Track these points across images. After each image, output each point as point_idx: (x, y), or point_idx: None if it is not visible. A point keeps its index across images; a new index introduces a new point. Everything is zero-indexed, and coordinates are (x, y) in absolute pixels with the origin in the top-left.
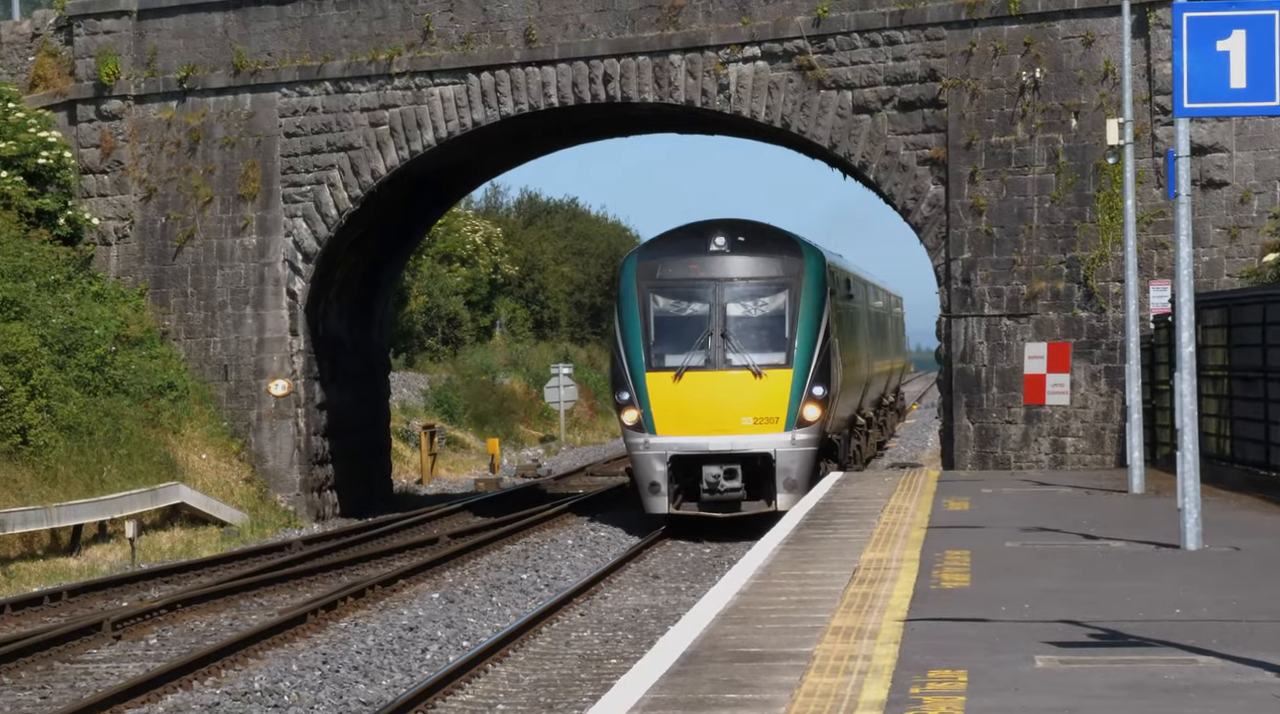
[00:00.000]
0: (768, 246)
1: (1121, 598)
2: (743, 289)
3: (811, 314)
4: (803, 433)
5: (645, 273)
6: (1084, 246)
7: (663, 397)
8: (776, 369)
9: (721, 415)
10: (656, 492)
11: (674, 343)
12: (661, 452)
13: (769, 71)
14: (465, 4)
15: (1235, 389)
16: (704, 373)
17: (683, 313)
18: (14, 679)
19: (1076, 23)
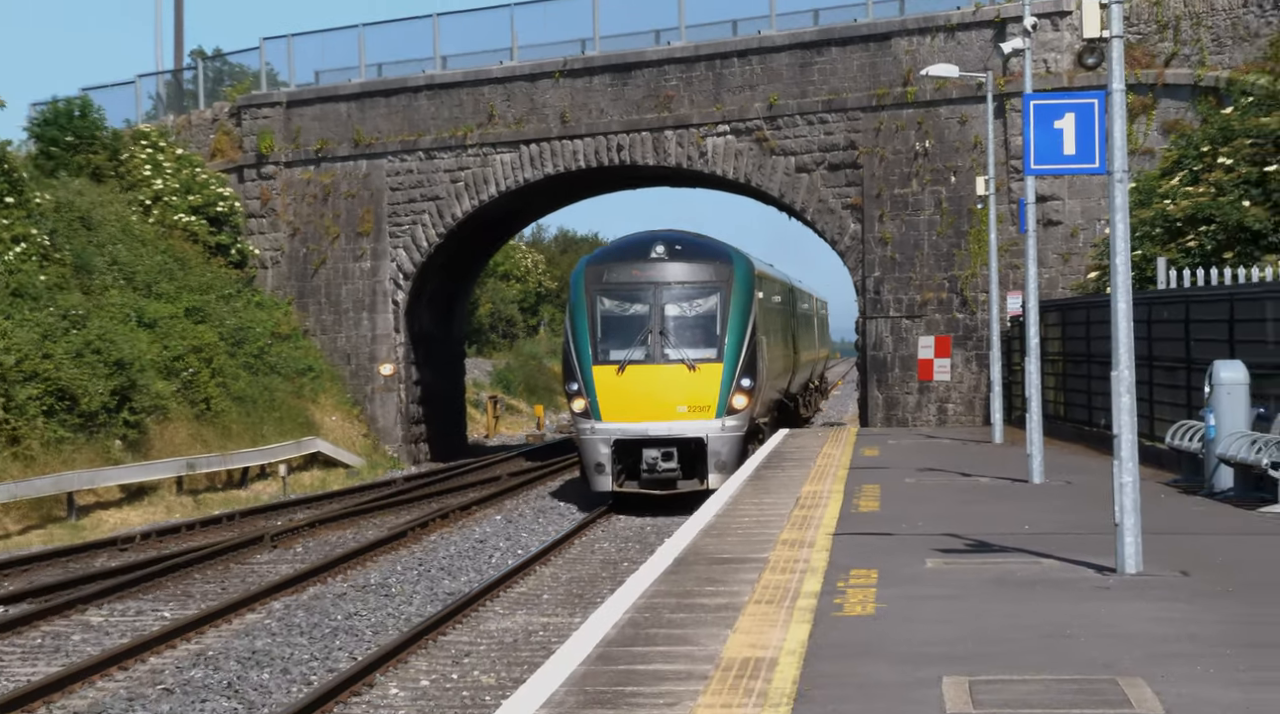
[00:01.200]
0: (701, 254)
1: (988, 518)
2: (679, 292)
3: (740, 314)
4: (732, 420)
5: (593, 277)
6: (960, 267)
7: (608, 387)
8: (708, 363)
9: (660, 404)
10: (601, 472)
11: (618, 339)
12: (606, 436)
13: (735, 142)
14: (518, 96)
15: (1067, 369)
16: (644, 366)
17: (626, 313)
18: (202, 575)
19: (955, 108)
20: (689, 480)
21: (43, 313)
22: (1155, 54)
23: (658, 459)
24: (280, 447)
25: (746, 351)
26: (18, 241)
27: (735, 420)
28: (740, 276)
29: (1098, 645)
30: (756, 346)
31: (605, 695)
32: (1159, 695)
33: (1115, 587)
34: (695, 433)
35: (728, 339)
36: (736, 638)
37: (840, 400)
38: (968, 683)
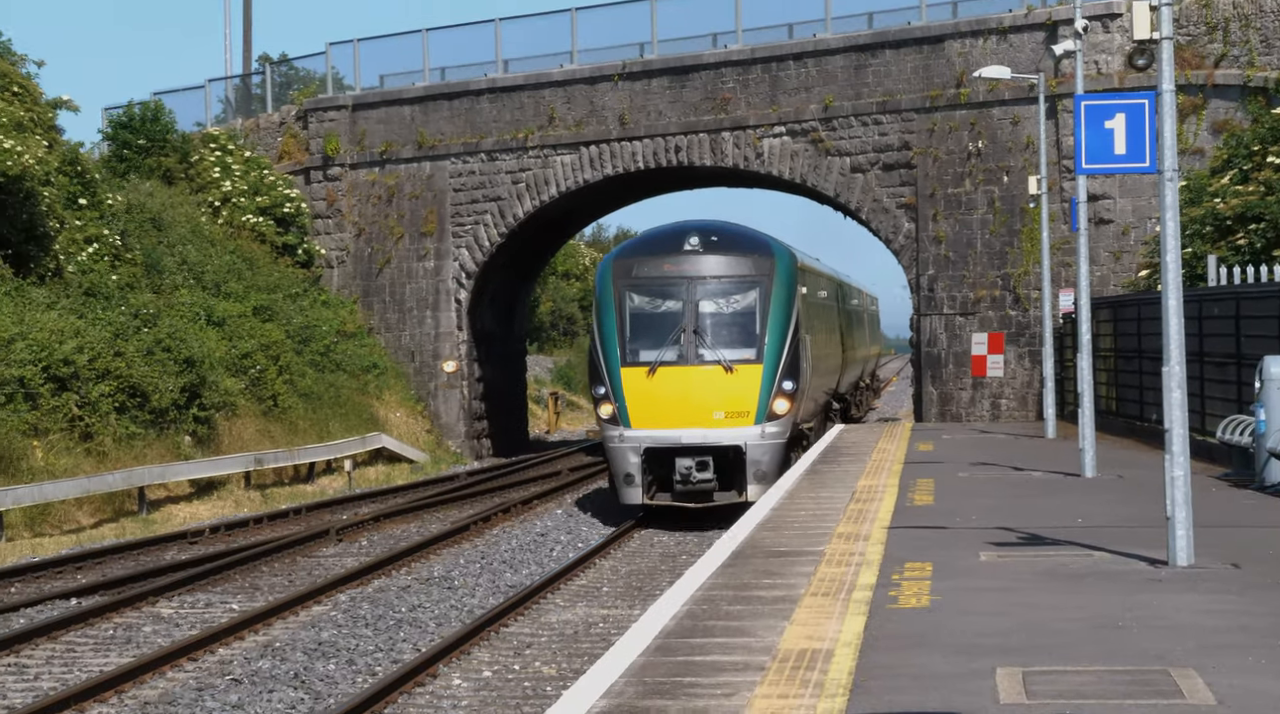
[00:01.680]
0: (739, 247)
1: (1041, 511)
2: (714, 287)
3: (781, 311)
4: (772, 426)
5: (621, 272)
6: (1013, 265)
7: (637, 391)
8: (747, 364)
9: (694, 409)
10: (631, 483)
11: (648, 339)
12: (636, 444)
13: (791, 143)
14: (578, 98)
15: (1119, 364)
16: (677, 368)
17: (657, 310)
18: (269, 568)
19: (1007, 109)
20: (726, 492)
21: (115, 312)
22: (1205, 55)
23: (692, 469)
24: (346, 442)
25: (789, 352)
26: (90, 242)
27: (776, 426)
28: (782, 270)
29: (1150, 637)
30: (799, 346)
31: (664, 686)
32: (1210, 686)
33: (1167, 579)
34: (733, 441)
35: (768, 338)
36: (793, 630)
37: (895, 396)
38: (1021, 674)
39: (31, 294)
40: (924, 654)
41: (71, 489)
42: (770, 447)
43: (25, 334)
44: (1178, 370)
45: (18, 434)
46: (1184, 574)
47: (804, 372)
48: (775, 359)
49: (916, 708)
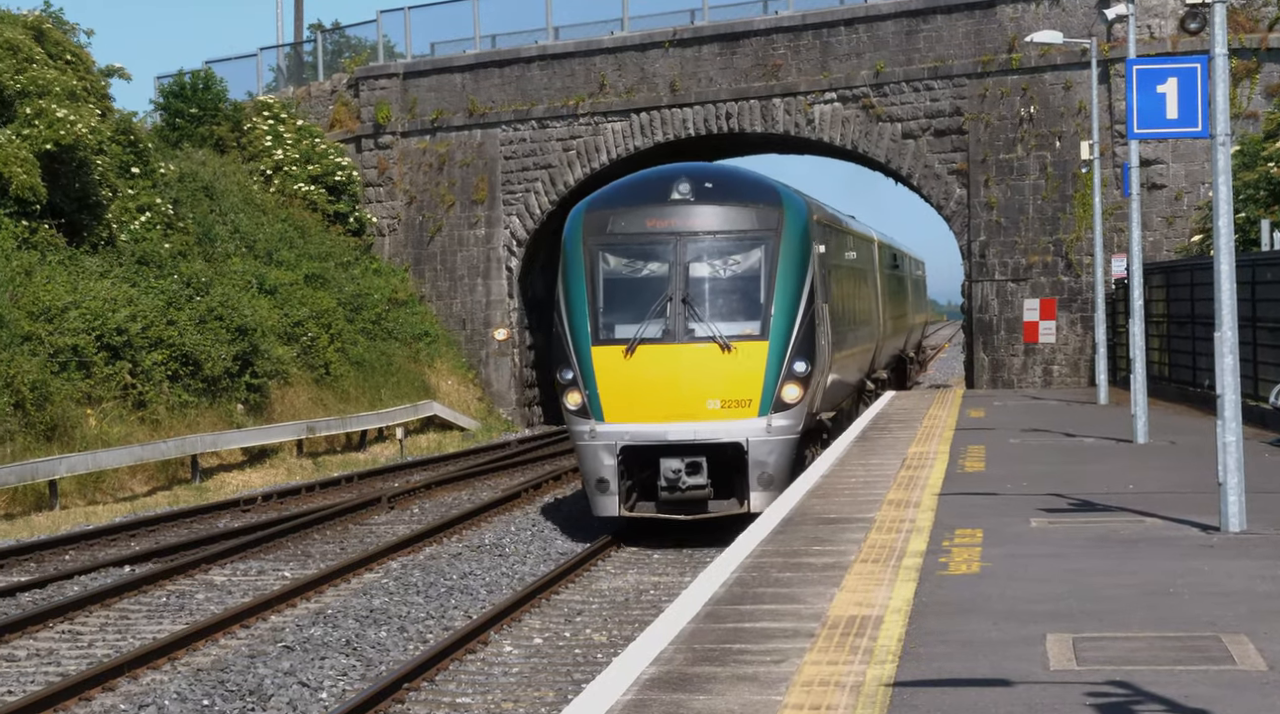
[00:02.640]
0: (740, 195)
1: (1091, 477)
2: (709, 245)
3: (793, 275)
4: (781, 418)
5: (593, 227)
6: (1065, 231)
7: (612, 376)
8: (749, 341)
9: (682, 398)
10: (605, 490)
11: (626, 311)
12: (610, 442)
13: (842, 110)
14: (629, 65)
15: (1171, 330)
16: (661, 347)
17: (637, 274)
18: (321, 536)
19: (1059, 74)
20: (723, 501)
21: (167, 281)
22: (1259, 19)
23: (681, 472)
24: (397, 410)
25: (802, 325)
26: (143, 211)
27: (786, 418)
28: (793, 224)
29: (1201, 603)
30: (815, 317)
31: (714, 653)
32: (1262, 652)
33: (1219, 545)
34: (731, 436)
35: (775, 309)
36: (843, 596)
37: (946, 363)
38: (1071, 640)
39: (85, 263)
40: (974, 620)
41: (125, 457)
42: (778, 444)
43: (79, 303)
44: (1230, 336)
45: (71, 402)
46: (1236, 540)
47: (821, 349)
48: (785, 335)
49: (966, 674)
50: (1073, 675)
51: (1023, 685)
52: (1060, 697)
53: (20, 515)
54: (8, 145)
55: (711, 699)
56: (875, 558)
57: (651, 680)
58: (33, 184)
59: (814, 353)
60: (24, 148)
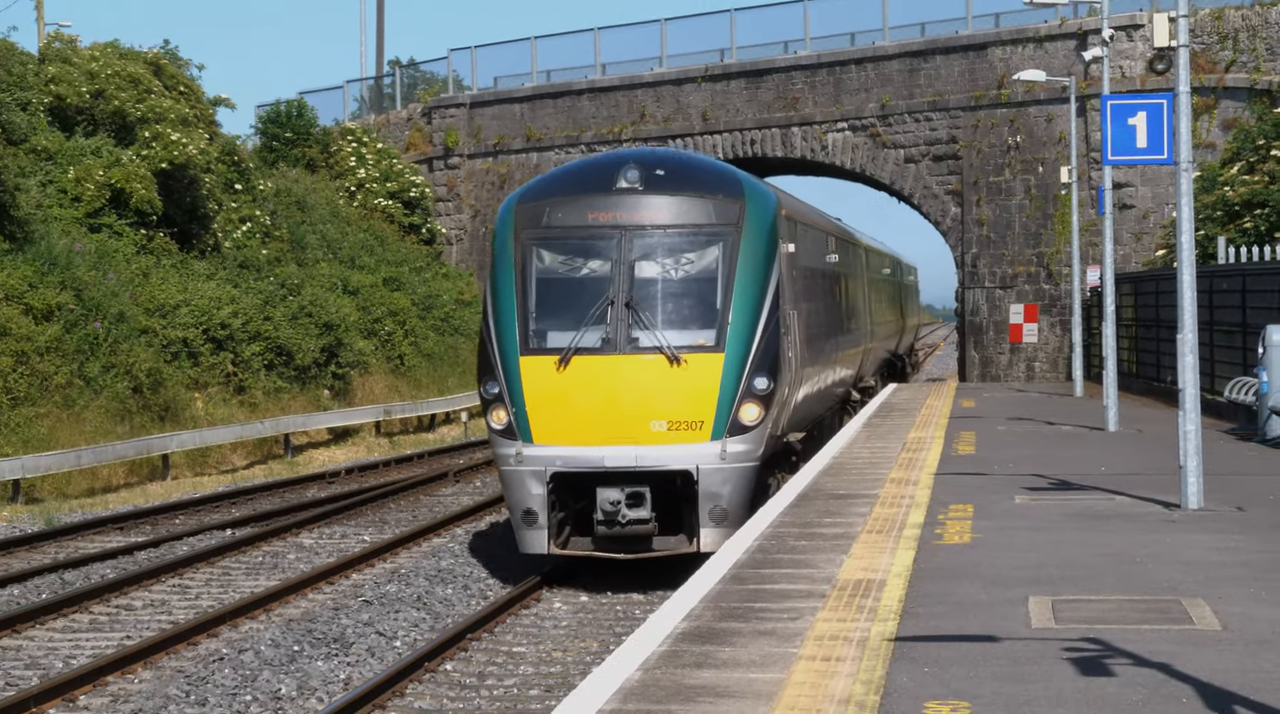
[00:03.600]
0: (696, 184)
1: (1069, 460)
2: (658, 241)
3: (755, 277)
4: (738, 442)
5: (526, 219)
6: (1046, 244)
7: (543, 390)
8: (702, 353)
9: (624, 417)
10: (532, 523)
11: (560, 315)
12: (539, 468)
13: (852, 137)
14: (666, 97)
15: (1139, 332)
16: (600, 358)
17: (574, 274)
18: (395, 505)
19: (1042, 108)
20: (669, 537)
21: (264, 282)
22: (1217, 61)
23: (620, 504)
24: (462, 396)
25: (765, 334)
26: (244, 222)
27: (744, 442)
28: (758, 219)
29: (1163, 570)
30: (780, 326)
31: (737, 610)
32: (1216, 614)
33: (1179, 520)
34: (679, 463)
35: (734, 316)
36: (851, 562)
37: (941, 358)
38: (1050, 602)
39: (194, 266)
40: (965, 585)
41: (227, 435)
42: (734, 472)
43: (188, 301)
44: (1190, 337)
45: (181, 387)
46: (1194, 516)
47: (788, 362)
48: (744, 345)
49: (958, 631)
50: (1051, 633)
51: (1008, 641)
52: (1040, 651)
53: (137, 484)
54: (129, 164)
55: (735, 651)
56: (879, 529)
57: (683, 634)
58: (150, 198)
59: (778, 366)
60: (143, 167)
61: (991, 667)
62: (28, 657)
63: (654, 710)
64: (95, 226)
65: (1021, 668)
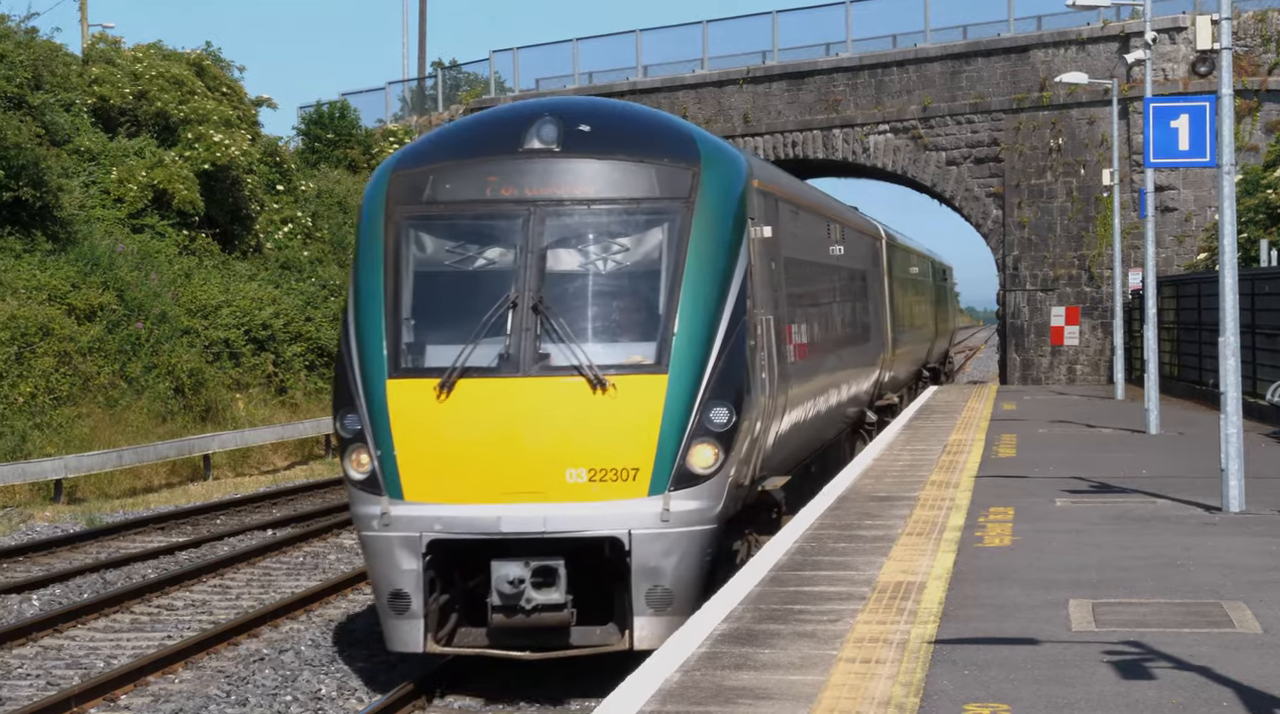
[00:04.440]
0: (634, 144)
1: (1110, 463)
2: (581, 221)
3: (713, 268)
4: (687, 497)
5: (402, 192)
6: (1088, 247)
7: (418, 427)
8: (638, 374)
9: (529, 464)
10: (403, 609)
11: (445, 324)
12: (412, 534)
13: (894, 140)
14: (708, 99)
15: (1180, 335)
16: (498, 382)
17: (465, 266)
18: None
19: (1084, 110)
20: (593, 628)
21: (306, 283)
22: (1260, 64)
23: (525, 584)
24: None
25: (726, 347)
26: (286, 222)
27: (696, 497)
28: (717, 191)
29: (1204, 573)
30: (749, 336)
31: (777, 612)
32: (1258, 617)
33: (1220, 523)
34: (606, 527)
35: (683, 322)
36: (891, 565)
37: (982, 361)
38: (1091, 605)
39: (236, 267)
40: (1005, 587)
41: (268, 436)
42: (682, 540)
43: (230, 301)
44: (1232, 340)
45: (223, 388)
46: (1236, 519)
47: (759, 385)
48: (696, 363)
49: (998, 634)
50: (1091, 636)
51: (1048, 644)
52: (1081, 654)
53: (179, 485)
54: (171, 165)
55: (775, 653)
56: (919, 531)
57: (723, 635)
58: (192, 199)
59: (745, 391)
60: (185, 167)
61: (1031, 669)
62: (69, 656)
63: (693, 712)
64: (138, 227)
65: (1061, 671)
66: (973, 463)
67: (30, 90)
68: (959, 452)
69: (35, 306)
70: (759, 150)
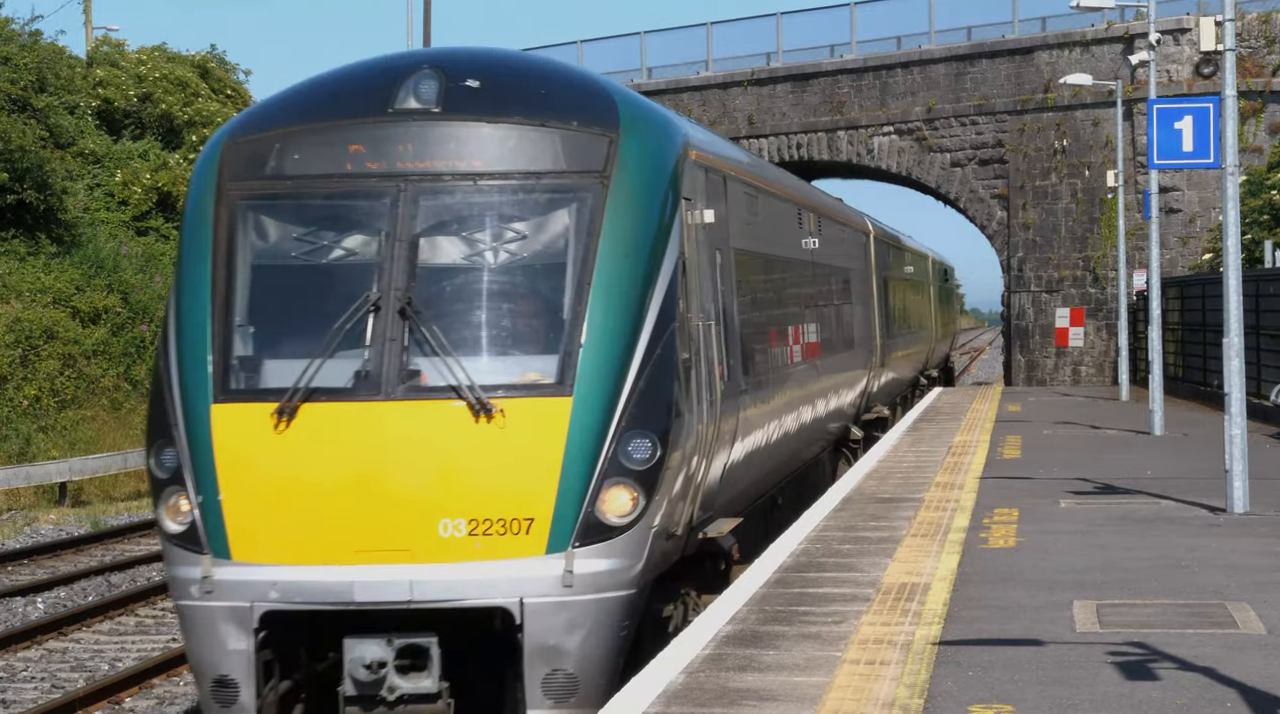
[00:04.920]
0: (532, 104)
1: (1114, 464)
2: (463, 202)
3: (633, 261)
4: (597, 555)
5: (239, 166)
6: (1092, 248)
7: (251, 464)
8: (534, 397)
9: (392, 513)
10: (229, 700)
11: (287, 333)
12: (242, 603)
13: (898, 141)
14: (712, 101)
15: (1185, 336)
16: (353, 407)
17: (315, 260)
18: None
19: (1089, 111)
20: None
21: None
22: (1264, 65)
23: (387, 667)
24: None
25: (650, 361)
26: None
27: (609, 555)
28: (642, 164)
29: (1208, 574)
30: (681, 346)
31: (781, 614)
32: (1262, 618)
33: (1225, 524)
34: (492, 594)
35: (593, 331)
36: (895, 566)
37: (988, 363)
38: (1095, 606)
39: None
40: (1010, 589)
41: None
42: (591, 610)
43: None
44: (1237, 341)
45: None
46: (1240, 520)
47: (696, 408)
48: (610, 381)
49: (1003, 635)
50: (1096, 637)
51: (1052, 645)
52: (1085, 655)
53: None
54: (176, 168)
55: (779, 654)
56: (924, 533)
57: (727, 637)
58: None
59: (674, 415)
60: (190, 170)
61: (1036, 670)
62: (74, 659)
63: (697, 713)
64: (142, 230)
65: (1066, 672)
66: (977, 464)
67: (34, 93)
68: (964, 453)
69: (40, 309)
70: (763, 152)
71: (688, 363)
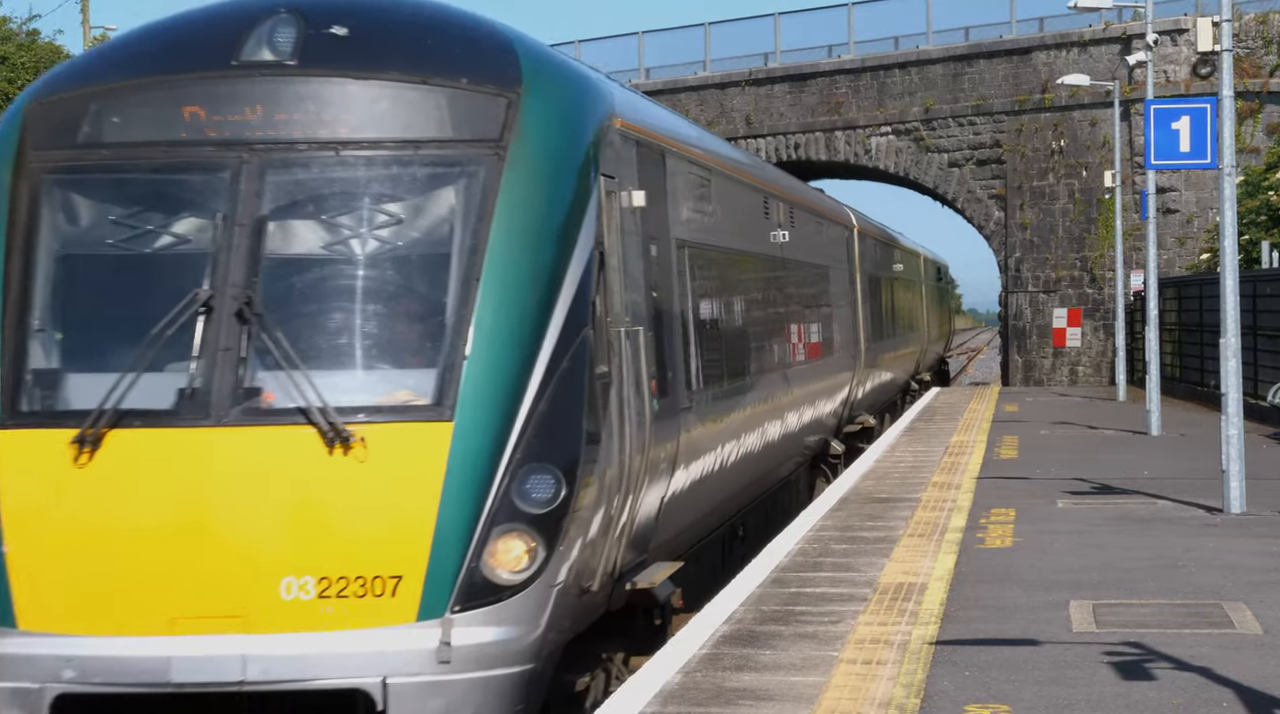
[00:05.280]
0: (412, 55)
1: (1111, 464)
2: (321, 177)
3: (534, 253)
4: (483, 623)
5: (45, 132)
6: (1090, 249)
7: (43, 507)
8: (405, 422)
9: (223, 569)
10: None
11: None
12: (29, 685)
13: (896, 141)
14: (710, 101)
15: (1182, 337)
16: (175, 433)
17: (134, 249)
18: None
19: (1086, 112)
20: None
21: None
22: (1261, 65)
23: None
24: None
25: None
26: None
27: (498, 622)
28: (547, 131)
29: (1205, 574)
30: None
31: (778, 614)
32: (1258, 618)
33: (1222, 524)
34: (345, 674)
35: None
36: (892, 566)
37: (985, 362)
38: (1092, 606)
39: None
40: (1007, 588)
41: None
42: (475, 691)
43: None
44: (1234, 342)
45: None
46: (1237, 520)
47: (617, 434)
48: (500, 403)
49: (999, 635)
50: (1092, 637)
51: (1049, 645)
52: (1081, 655)
53: None
54: None
55: (776, 654)
56: (921, 533)
57: (724, 637)
58: None
59: (585, 443)
60: None
61: (1032, 670)
62: None
63: (694, 713)
64: None
65: (1062, 671)
66: (974, 464)
67: None
68: (961, 453)
69: None
70: (761, 152)
71: (605, 377)
